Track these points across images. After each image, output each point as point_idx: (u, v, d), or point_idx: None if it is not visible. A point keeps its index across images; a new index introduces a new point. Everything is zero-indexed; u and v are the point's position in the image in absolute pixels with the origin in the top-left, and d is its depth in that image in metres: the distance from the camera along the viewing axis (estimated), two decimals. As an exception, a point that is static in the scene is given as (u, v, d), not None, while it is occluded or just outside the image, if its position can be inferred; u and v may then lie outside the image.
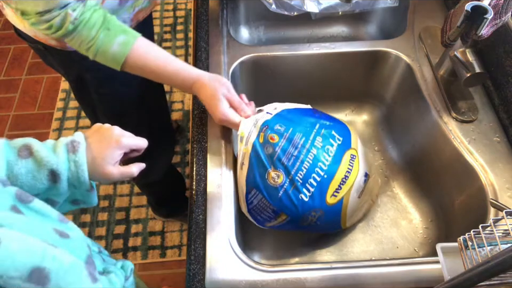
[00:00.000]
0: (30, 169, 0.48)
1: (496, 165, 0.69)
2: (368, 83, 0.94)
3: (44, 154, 0.49)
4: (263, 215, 0.70)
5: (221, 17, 0.92)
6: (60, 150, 0.50)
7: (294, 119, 0.72)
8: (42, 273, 0.34)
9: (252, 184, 0.68)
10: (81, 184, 0.51)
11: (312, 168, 0.67)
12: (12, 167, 0.47)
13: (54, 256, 0.35)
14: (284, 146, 0.68)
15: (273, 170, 0.67)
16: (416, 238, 0.81)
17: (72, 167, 0.50)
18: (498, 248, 0.42)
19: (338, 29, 1.11)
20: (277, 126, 0.70)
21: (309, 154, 0.68)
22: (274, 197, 0.67)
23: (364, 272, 0.60)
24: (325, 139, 0.70)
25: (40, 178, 0.48)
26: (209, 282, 0.59)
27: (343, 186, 0.69)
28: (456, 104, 0.76)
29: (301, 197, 0.67)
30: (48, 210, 0.43)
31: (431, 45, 0.84)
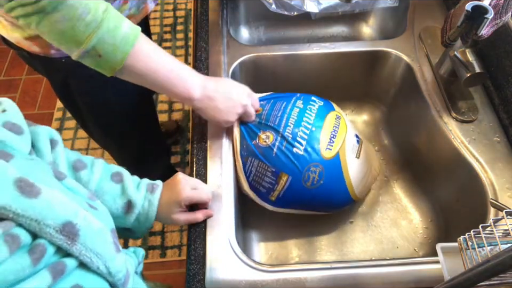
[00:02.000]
0: (115, 193, 0.57)
1: (496, 165, 0.69)
2: (368, 83, 0.94)
3: (130, 185, 0.58)
4: (264, 182, 0.71)
5: (221, 17, 0.92)
6: (142, 187, 0.60)
7: (275, 96, 0.78)
8: (74, 228, 0.36)
9: (246, 152, 0.71)
10: (146, 221, 0.60)
11: (299, 123, 0.70)
12: (103, 184, 0.56)
13: (85, 216, 0.38)
14: (267, 113, 0.73)
15: (263, 132, 0.71)
16: (416, 238, 0.81)
17: (146, 205, 0.59)
18: (498, 248, 0.42)
19: (338, 29, 1.11)
20: (261, 102, 0.76)
21: (292, 113, 0.72)
22: (269, 156, 0.69)
23: (364, 272, 0.60)
24: (305, 102, 0.75)
25: (118, 203, 0.57)
26: (209, 282, 0.59)
27: (335, 139, 0.72)
28: (456, 104, 0.76)
29: (295, 150, 0.68)
30: (79, 188, 0.46)
31: (431, 45, 0.84)
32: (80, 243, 0.37)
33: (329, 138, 0.71)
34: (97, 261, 0.38)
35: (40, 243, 0.34)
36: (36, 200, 0.34)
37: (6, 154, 0.37)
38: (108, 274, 0.40)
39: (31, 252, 0.33)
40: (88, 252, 0.37)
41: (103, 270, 0.39)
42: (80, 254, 0.37)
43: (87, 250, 0.37)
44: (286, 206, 0.74)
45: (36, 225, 0.34)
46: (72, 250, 0.36)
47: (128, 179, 0.59)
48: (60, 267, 0.35)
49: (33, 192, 0.34)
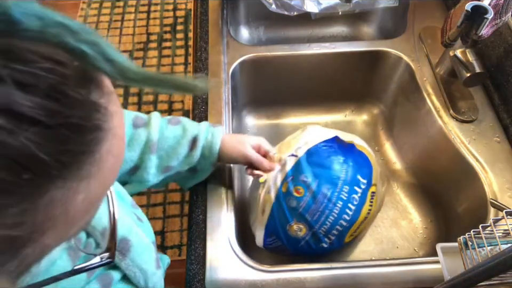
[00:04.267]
0: (176, 134, 0.58)
1: (496, 165, 0.69)
2: (368, 83, 0.94)
3: (190, 123, 0.60)
4: (280, 253, 0.70)
5: (221, 17, 0.92)
6: (203, 123, 0.61)
7: (319, 165, 0.65)
8: (127, 245, 0.37)
9: (272, 231, 0.65)
10: (211, 155, 0.60)
11: (336, 222, 0.64)
12: (162, 130, 0.57)
13: (137, 232, 0.39)
14: (309, 201, 0.62)
15: (296, 223, 0.63)
16: (416, 238, 0.81)
17: (209, 137, 0.60)
18: (498, 248, 0.42)
19: (338, 29, 1.11)
20: (302, 177, 0.64)
21: (334, 209, 0.63)
22: (294, 245, 0.65)
23: (364, 272, 0.60)
24: (350, 188, 0.65)
25: (183, 143, 0.58)
26: (209, 282, 0.59)
27: (362, 226, 0.67)
28: (456, 104, 0.76)
29: (321, 245, 0.65)
30: (124, 195, 0.46)
31: (431, 45, 0.84)
32: (129, 258, 0.37)
33: (358, 227, 0.67)
34: (140, 276, 0.39)
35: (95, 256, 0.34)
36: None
37: None
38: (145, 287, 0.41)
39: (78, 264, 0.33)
40: (134, 267, 0.38)
41: (142, 284, 0.40)
42: (127, 268, 0.38)
43: (134, 266, 0.38)
44: None
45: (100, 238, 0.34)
46: (121, 264, 0.37)
47: (186, 119, 0.61)
48: (107, 280, 0.36)
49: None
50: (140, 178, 0.57)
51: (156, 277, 0.41)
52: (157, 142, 0.56)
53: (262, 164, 0.64)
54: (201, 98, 0.79)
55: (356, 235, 0.68)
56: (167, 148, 0.57)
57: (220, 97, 0.79)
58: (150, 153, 0.55)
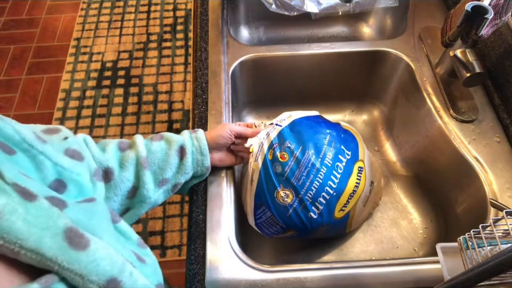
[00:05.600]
0: (162, 147, 0.60)
1: (496, 165, 0.69)
2: (368, 83, 0.94)
3: (172, 135, 0.62)
4: (271, 229, 0.70)
5: (221, 17, 0.92)
6: (184, 132, 0.64)
7: (303, 133, 0.69)
8: (118, 285, 0.34)
9: (261, 200, 0.67)
10: (204, 158, 0.63)
11: (322, 188, 0.65)
12: (149, 147, 0.60)
13: (131, 272, 0.36)
14: (293, 166, 0.65)
15: (283, 189, 0.65)
16: (416, 238, 0.81)
17: (195, 142, 0.63)
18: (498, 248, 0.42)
19: (338, 29, 1.11)
20: (287, 143, 0.67)
21: (318, 174, 0.65)
22: (283, 215, 0.66)
23: (364, 272, 0.60)
24: (335, 156, 0.67)
25: (171, 154, 0.60)
26: (209, 282, 0.59)
27: (351, 200, 0.68)
28: (456, 104, 0.76)
29: (310, 215, 0.65)
30: (130, 233, 0.45)
31: (431, 45, 0.84)
32: None
33: (346, 200, 0.68)
34: None
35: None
36: (83, 253, 0.32)
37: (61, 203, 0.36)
38: None
39: None
40: None
41: None
42: None
43: None
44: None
45: (79, 280, 0.32)
46: None
47: (168, 134, 0.63)
48: None
49: (82, 244, 0.32)
50: (141, 198, 0.58)
51: None
52: (147, 157, 0.58)
53: (246, 132, 0.68)
54: (201, 98, 0.79)
55: (346, 211, 0.68)
56: (158, 162, 0.59)
57: (220, 97, 0.79)
58: (143, 169, 0.57)
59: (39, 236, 0.30)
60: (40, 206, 0.32)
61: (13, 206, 0.30)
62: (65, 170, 0.40)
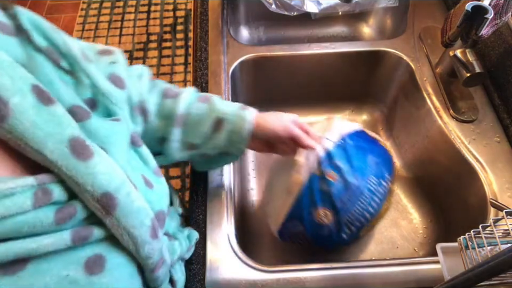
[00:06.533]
0: (201, 111, 0.56)
1: (496, 165, 0.69)
2: (368, 83, 0.94)
3: (218, 102, 0.57)
4: (294, 239, 0.68)
5: (221, 17, 0.92)
6: (233, 105, 0.58)
7: (353, 152, 0.65)
8: (112, 201, 0.35)
9: (296, 214, 0.64)
10: (241, 140, 0.57)
11: (362, 213, 0.63)
12: (189, 106, 0.56)
13: (129, 192, 0.37)
14: (340, 187, 0.62)
15: (323, 209, 0.62)
16: (416, 238, 0.81)
17: (238, 121, 0.56)
18: (498, 248, 0.42)
19: (338, 29, 1.11)
20: (337, 162, 0.63)
21: (362, 199, 0.63)
22: (316, 233, 0.64)
23: (364, 272, 0.60)
24: (378, 180, 0.65)
25: (206, 121, 0.56)
26: (209, 282, 0.59)
27: (377, 222, 0.67)
28: (456, 104, 0.76)
29: (341, 235, 0.64)
30: (149, 160, 0.46)
31: (431, 45, 0.84)
32: (114, 217, 0.36)
33: (375, 221, 0.66)
34: (128, 240, 0.37)
35: (72, 205, 0.34)
36: (82, 163, 0.33)
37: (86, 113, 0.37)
38: (137, 255, 0.39)
39: (58, 211, 0.33)
40: (120, 228, 0.36)
41: (132, 249, 0.38)
42: (112, 227, 0.36)
43: (119, 227, 0.36)
44: None
45: (75, 187, 0.33)
46: (105, 221, 0.36)
47: (217, 99, 0.58)
48: (83, 233, 0.34)
49: (84, 154, 0.34)
50: (166, 151, 0.57)
51: (150, 246, 0.40)
52: (182, 116, 0.55)
53: (303, 140, 0.60)
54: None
55: (370, 230, 0.68)
56: (190, 124, 0.56)
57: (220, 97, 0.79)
58: (173, 125, 0.55)
59: (43, 139, 0.32)
60: (53, 112, 0.33)
61: (24, 106, 0.31)
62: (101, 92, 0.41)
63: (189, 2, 2.24)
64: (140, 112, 0.52)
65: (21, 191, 0.30)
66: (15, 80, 0.31)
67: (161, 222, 0.43)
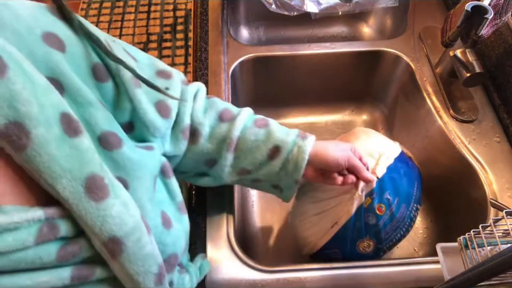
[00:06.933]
0: (259, 138, 0.53)
1: (496, 165, 0.69)
2: (368, 83, 0.94)
3: (277, 129, 0.54)
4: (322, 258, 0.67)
5: (221, 17, 0.92)
6: (292, 133, 0.55)
7: (398, 181, 0.63)
8: (119, 247, 0.33)
9: (338, 244, 0.63)
10: (296, 171, 0.54)
11: (400, 239, 0.64)
12: (245, 130, 0.53)
13: (139, 238, 0.35)
14: (387, 220, 0.61)
15: (367, 240, 0.62)
16: (416, 238, 0.81)
17: (295, 150, 0.53)
18: (498, 248, 0.42)
19: (338, 29, 1.11)
20: (386, 194, 0.61)
21: (404, 227, 0.64)
22: (350, 256, 0.64)
23: (364, 272, 0.60)
24: (416, 207, 0.66)
25: (262, 149, 0.53)
26: (209, 282, 0.59)
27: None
28: (456, 104, 0.76)
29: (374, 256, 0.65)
30: (176, 193, 0.44)
31: (431, 45, 0.84)
32: (119, 262, 0.34)
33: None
34: (130, 284, 0.36)
35: (78, 243, 0.32)
36: (94, 204, 0.32)
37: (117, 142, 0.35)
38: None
39: (61, 249, 0.31)
40: (123, 273, 0.35)
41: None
42: (115, 270, 0.35)
43: (123, 272, 0.35)
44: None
45: (84, 226, 0.32)
46: (110, 264, 0.34)
47: (275, 124, 0.55)
48: (85, 273, 0.33)
49: (98, 195, 0.32)
50: (216, 173, 0.55)
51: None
52: (237, 141, 0.53)
53: (362, 171, 0.57)
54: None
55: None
56: (245, 150, 0.53)
57: (220, 97, 0.78)
58: (227, 150, 0.53)
59: (59, 174, 0.30)
60: (77, 145, 0.31)
61: (46, 139, 0.30)
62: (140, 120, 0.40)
63: (189, 2, 2.24)
64: (188, 135, 0.50)
65: (26, 225, 0.28)
66: (44, 108, 0.30)
67: (171, 266, 0.42)
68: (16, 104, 0.28)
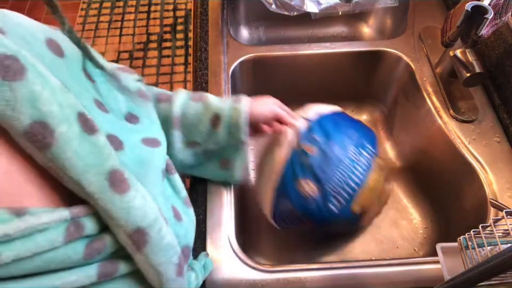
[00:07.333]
0: (197, 111, 0.58)
1: (496, 165, 0.69)
2: (368, 83, 0.94)
3: (212, 100, 0.59)
4: (287, 221, 0.69)
5: (221, 17, 0.92)
6: (226, 100, 0.60)
7: (330, 127, 0.69)
8: (144, 237, 0.34)
9: (282, 191, 0.67)
10: (237, 130, 0.59)
11: (345, 181, 0.65)
12: (184, 107, 0.57)
13: (160, 228, 0.36)
14: (318, 158, 0.66)
15: (304, 179, 0.65)
16: (416, 238, 0.81)
17: (233, 113, 0.58)
18: (498, 248, 0.42)
19: (338, 29, 1.11)
20: (314, 136, 0.68)
21: (342, 167, 0.65)
22: (303, 206, 0.66)
23: (364, 272, 0.60)
24: (358, 150, 0.68)
25: (204, 120, 0.58)
26: (209, 282, 0.59)
27: (370, 195, 0.68)
28: (456, 104, 0.76)
29: (330, 207, 0.65)
30: (180, 188, 0.46)
31: (431, 45, 0.84)
32: (143, 254, 0.35)
33: (366, 195, 0.68)
34: (153, 277, 0.37)
35: (103, 239, 0.33)
36: (118, 197, 0.32)
37: (119, 144, 0.37)
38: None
39: (88, 246, 0.32)
40: (147, 265, 0.36)
41: (157, 286, 0.37)
42: (139, 263, 0.35)
43: (147, 263, 0.35)
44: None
45: (109, 221, 0.33)
46: (133, 256, 0.35)
47: (210, 96, 0.60)
48: (110, 269, 0.34)
49: (121, 187, 0.33)
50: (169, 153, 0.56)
51: (174, 284, 0.39)
52: (179, 117, 0.57)
53: (285, 118, 0.65)
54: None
55: (364, 206, 0.68)
56: (189, 124, 0.58)
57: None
58: (172, 128, 0.57)
59: (83, 170, 0.31)
60: (96, 142, 0.32)
61: (69, 136, 0.31)
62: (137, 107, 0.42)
63: (189, 2, 2.24)
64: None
65: (54, 226, 0.29)
66: (63, 108, 0.31)
67: (186, 257, 0.43)
68: (38, 104, 0.29)
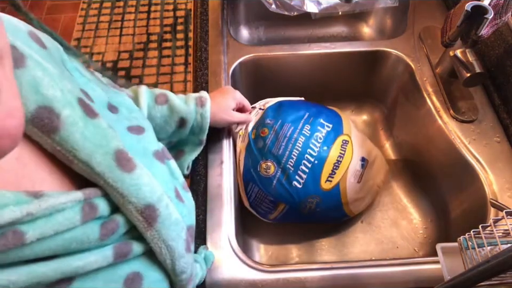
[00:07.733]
0: (164, 114, 0.59)
1: (496, 165, 0.69)
2: (368, 83, 0.94)
3: (177, 103, 0.60)
4: (263, 206, 0.73)
5: (221, 17, 0.92)
6: (191, 103, 0.62)
7: (283, 111, 0.75)
8: (154, 213, 0.35)
9: (248, 178, 0.72)
10: (201, 132, 0.64)
11: (302, 155, 0.69)
12: (150, 110, 0.58)
13: (167, 204, 0.37)
14: (273, 138, 0.71)
15: (264, 161, 0.71)
16: (416, 238, 0.81)
17: (199, 118, 0.62)
18: (498, 248, 0.42)
19: (338, 29, 1.11)
20: (267, 120, 0.74)
21: (297, 143, 0.70)
22: (268, 187, 0.70)
23: (364, 272, 0.60)
24: (313, 126, 0.73)
25: (170, 123, 0.60)
26: (209, 282, 0.59)
27: (337, 171, 0.70)
28: (456, 104, 0.76)
29: (294, 184, 0.69)
30: (178, 174, 0.46)
31: (431, 45, 0.84)
32: (155, 229, 0.35)
33: (332, 170, 0.70)
34: (166, 253, 0.37)
35: (115, 219, 0.34)
36: (127, 175, 0.33)
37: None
38: (172, 271, 0.39)
39: (103, 226, 0.32)
40: (160, 241, 0.36)
41: (168, 264, 0.38)
42: (152, 241, 0.36)
43: (160, 239, 0.36)
44: (284, 221, 0.77)
45: (120, 199, 0.33)
46: (146, 234, 0.35)
47: (174, 98, 0.61)
48: (125, 249, 0.34)
49: (128, 166, 0.34)
50: None
51: (184, 260, 0.39)
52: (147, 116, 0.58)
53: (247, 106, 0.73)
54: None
55: (333, 182, 0.70)
56: (155, 126, 0.59)
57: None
58: None
59: (92, 150, 0.32)
60: (99, 124, 0.33)
61: (75, 119, 0.31)
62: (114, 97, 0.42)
63: (189, 2, 2.24)
64: None
65: (70, 206, 0.30)
66: (64, 93, 0.31)
67: (191, 237, 0.43)
68: (42, 90, 0.30)
